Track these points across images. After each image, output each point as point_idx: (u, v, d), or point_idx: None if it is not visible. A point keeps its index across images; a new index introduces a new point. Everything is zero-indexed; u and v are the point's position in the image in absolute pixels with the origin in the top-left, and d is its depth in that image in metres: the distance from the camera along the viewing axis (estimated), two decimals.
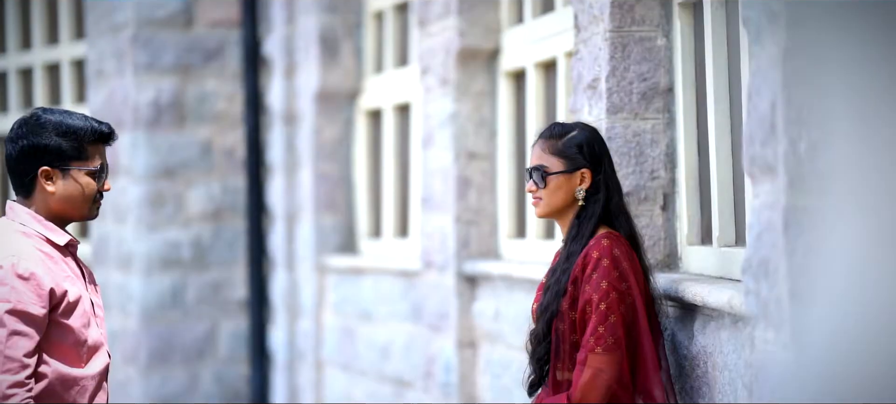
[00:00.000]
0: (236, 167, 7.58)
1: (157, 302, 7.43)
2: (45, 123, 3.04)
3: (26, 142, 3.03)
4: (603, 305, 3.10)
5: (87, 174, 3.04)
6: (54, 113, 3.07)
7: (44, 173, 3.03)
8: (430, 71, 5.86)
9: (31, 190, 3.05)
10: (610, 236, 3.20)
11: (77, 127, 3.04)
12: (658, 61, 3.92)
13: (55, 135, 3.03)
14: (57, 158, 3.03)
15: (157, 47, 7.40)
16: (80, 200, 3.05)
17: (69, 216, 3.08)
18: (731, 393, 3.20)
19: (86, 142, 3.04)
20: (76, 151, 3.03)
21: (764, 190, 2.47)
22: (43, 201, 3.05)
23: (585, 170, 3.25)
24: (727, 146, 3.65)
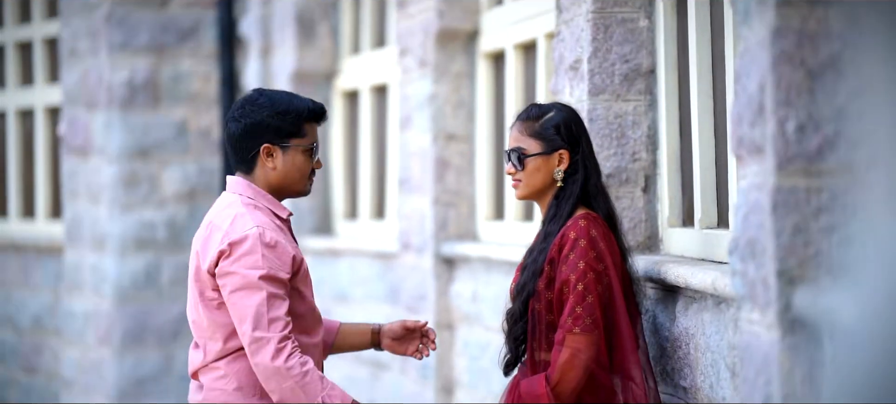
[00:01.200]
0: (212, 148, 7.53)
1: (131, 282, 7.37)
2: (266, 103, 3.18)
3: (249, 121, 3.16)
4: (580, 285, 3.11)
5: (304, 151, 3.19)
6: (274, 93, 3.22)
7: (266, 150, 3.17)
8: (408, 52, 5.84)
9: (252, 166, 3.19)
10: (587, 217, 3.20)
11: (296, 106, 3.19)
12: (640, 43, 3.91)
13: (276, 114, 3.16)
14: (277, 136, 3.17)
15: (132, 26, 7.33)
16: (297, 176, 3.19)
17: (287, 191, 3.21)
18: (713, 374, 3.21)
19: (303, 120, 3.19)
20: (295, 129, 3.18)
21: (751, 171, 2.46)
22: (264, 177, 3.18)
23: (563, 151, 3.24)
24: (710, 128, 3.65)
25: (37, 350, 8.10)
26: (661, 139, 3.92)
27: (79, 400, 7.62)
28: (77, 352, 7.64)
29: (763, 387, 2.39)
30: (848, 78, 2.30)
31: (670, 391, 3.51)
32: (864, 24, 2.29)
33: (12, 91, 8.37)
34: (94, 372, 7.50)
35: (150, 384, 7.40)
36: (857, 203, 2.30)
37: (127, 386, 7.36)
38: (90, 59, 7.45)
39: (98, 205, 7.46)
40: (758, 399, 2.40)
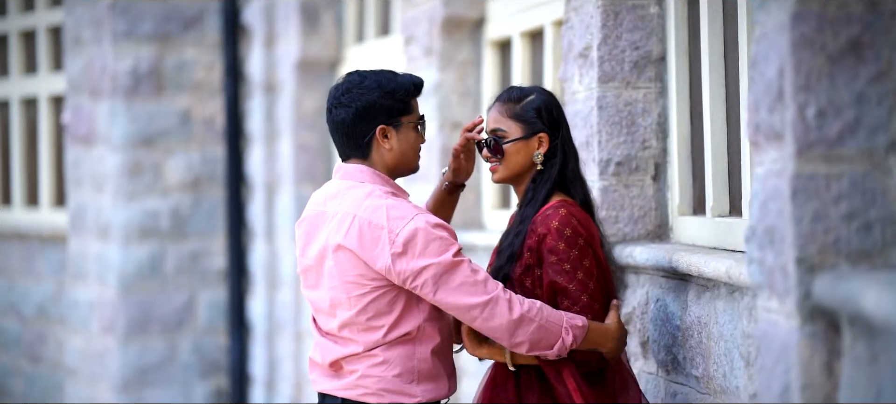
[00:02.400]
0: (215, 136, 7.51)
1: (135, 271, 7.36)
2: (372, 84, 3.11)
3: (360, 104, 3.10)
4: (580, 274, 3.11)
5: (414, 127, 3.14)
6: (376, 73, 3.14)
7: (382, 131, 3.11)
8: (414, 40, 5.81)
9: (368, 150, 3.12)
10: (566, 204, 3.17)
11: (402, 82, 3.13)
12: (651, 29, 3.89)
13: (385, 93, 3.11)
14: (390, 116, 3.11)
15: (136, 15, 7.31)
16: (411, 153, 3.16)
17: (402, 170, 3.17)
18: (726, 363, 3.19)
19: (409, 96, 3.13)
20: (404, 106, 3.12)
21: (769, 157, 2.44)
22: (381, 159, 3.13)
23: (543, 135, 3.21)
24: (722, 115, 3.62)
25: (41, 339, 8.09)
26: (671, 127, 3.89)
27: (83, 389, 7.61)
28: (81, 341, 7.63)
29: (782, 376, 2.37)
30: (868, 62, 2.27)
31: (682, 380, 3.49)
32: (884, 8, 2.27)
33: (16, 80, 8.34)
34: (98, 361, 7.49)
35: (154, 373, 7.38)
36: (878, 189, 2.27)
37: (131, 374, 7.35)
38: (94, 47, 7.43)
39: (102, 194, 7.44)
40: (776, 388, 2.39)
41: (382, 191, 3.09)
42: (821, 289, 2.31)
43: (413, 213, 3.05)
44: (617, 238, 3.88)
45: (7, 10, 8.35)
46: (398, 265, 3.01)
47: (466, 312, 3.02)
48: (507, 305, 3.01)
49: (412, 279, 3.02)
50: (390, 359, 3.07)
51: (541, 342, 3.03)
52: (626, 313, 3.87)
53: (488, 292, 3.02)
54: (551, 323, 3.03)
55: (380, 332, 3.07)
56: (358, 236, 3.05)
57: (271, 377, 7.22)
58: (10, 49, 8.37)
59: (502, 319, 3.00)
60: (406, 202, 3.10)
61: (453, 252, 3.03)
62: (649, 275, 3.74)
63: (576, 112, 4.07)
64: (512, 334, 3.01)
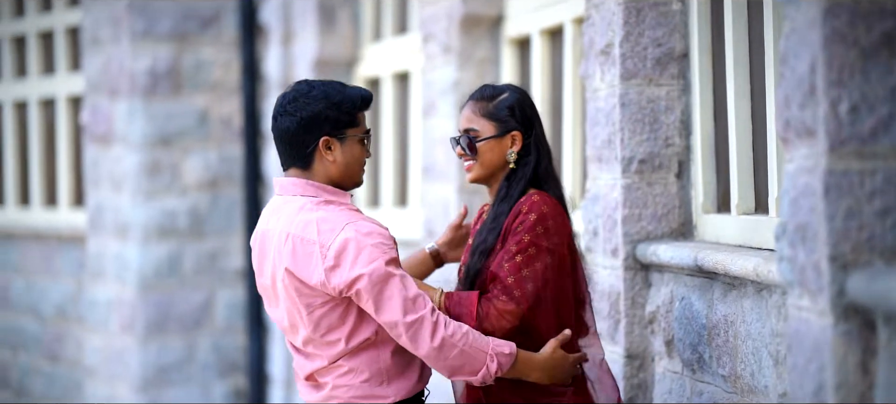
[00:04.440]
0: (233, 136, 7.51)
1: (154, 271, 7.36)
2: (319, 94, 3.05)
3: (305, 114, 3.04)
4: (519, 257, 3.07)
5: (360, 140, 3.09)
6: (324, 83, 3.09)
7: (325, 143, 3.05)
8: (432, 38, 5.79)
9: (310, 161, 3.07)
10: (541, 194, 3.16)
11: (348, 94, 3.07)
12: (673, 26, 3.86)
13: (332, 104, 3.05)
14: (335, 127, 3.05)
15: (154, 14, 7.31)
16: (355, 167, 3.09)
17: (345, 183, 3.10)
18: (754, 362, 3.16)
19: (357, 109, 3.08)
20: (350, 119, 3.07)
21: (800, 154, 2.42)
22: (324, 171, 3.07)
23: (516, 133, 3.19)
24: (747, 112, 3.60)
25: (60, 338, 8.10)
26: (694, 124, 3.87)
27: (102, 389, 7.62)
28: (100, 341, 7.64)
29: (815, 375, 2.35)
30: None
31: (708, 379, 3.46)
32: None
33: (35, 80, 8.36)
34: (117, 360, 7.49)
35: (173, 372, 7.39)
36: None
37: (150, 373, 7.36)
38: (112, 47, 7.43)
39: (120, 194, 7.45)
40: (809, 387, 2.36)
41: (314, 203, 3.04)
42: (855, 286, 2.28)
43: (344, 222, 2.99)
44: (640, 236, 3.86)
45: (25, 11, 8.36)
46: (332, 279, 2.98)
47: (393, 328, 2.98)
48: (431, 329, 2.95)
49: (347, 289, 2.99)
50: (356, 367, 3.04)
51: (463, 367, 2.98)
52: (650, 311, 3.85)
53: (416, 311, 2.95)
54: (475, 350, 2.97)
55: (339, 345, 3.04)
56: (292, 255, 3.02)
57: (289, 376, 7.21)
58: (28, 49, 8.38)
59: (425, 343, 2.95)
60: (338, 210, 3.04)
61: (386, 260, 2.96)
62: (673, 274, 3.71)
63: (597, 109, 4.05)
64: (434, 359, 2.97)
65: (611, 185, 3.94)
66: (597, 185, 4.06)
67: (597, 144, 4.05)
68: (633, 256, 3.86)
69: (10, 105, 8.54)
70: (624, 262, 3.86)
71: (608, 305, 3.93)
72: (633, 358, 3.85)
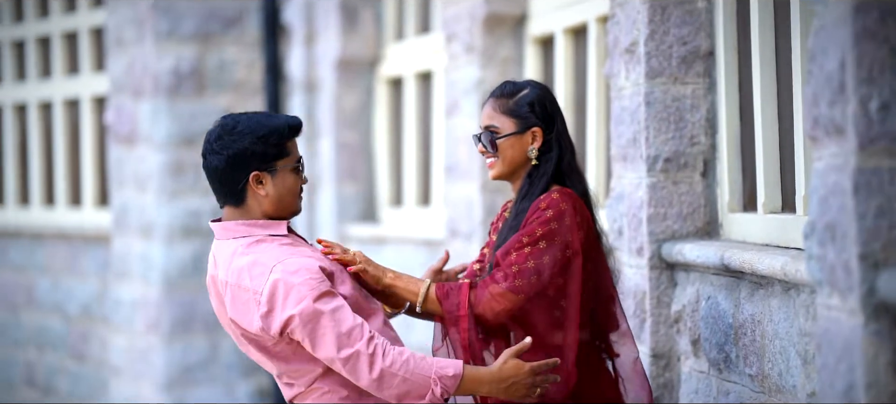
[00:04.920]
0: None
1: (178, 270, 7.39)
2: (245, 129, 3.02)
3: (232, 151, 3.01)
4: (527, 248, 3.05)
5: (292, 170, 3.05)
6: (249, 117, 3.05)
7: (255, 178, 3.02)
8: (455, 37, 5.79)
9: (243, 197, 3.04)
10: (561, 191, 3.13)
11: (274, 125, 3.03)
12: (699, 24, 3.85)
13: (259, 138, 3.01)
14: (264, 161, 3.02)
15: (177, 14, 7.34)
16: (290, 198, 3.05)
17: (282, 215, 3.06)
18: (782, 362, 3.15)
19: (285, 139, 3.04)
20: (279, 150, 3.03)
21: (829, 152, 2.40)
22: (257, 206, 3.04)
23: (537, 129, 3.17)
24: (773, 110, 3.58)
25: (85, 338, 8.14)
26: (720, 122, 3.85)
27: (127, 388, 7.65)
28: (125, 340, 7.67)
29: (845, 375, 2.34)
30: None
31: (735, 378, 3.45)
32: None
33: (59, 81, 8.40)
34: (142, 359, 7.52)
35: (198, 371, 7.41)
36: None
37: (175, 373, 7.38)
38: (136, 47, 7.47)
39: (145, 194, 7.48)
40: (839, 386, 2.35)
41: (245, 246, 3.00)
42: (885, 285, 2.26)
43: (272, 264, 2.95)
44: (665, 235, 3.85)
45: (50, 12, 8.40)
46: (268, 323, 2.95)
47: (331, 364, 2.94)
48: (368, 362, 2.89)
49: (282, 331, 2.96)
50: (332, 387, 3.00)
51: (409, 394, 2.93)
52: (675, 311, 3.84)
53: (351, 345, 2.90)
54: (417, 376, 2.90)
55: (307, 374, 3.02)
56: (233, 304, 3.02)
57: None
58: (52, 50, 8.42)
59: (364, 376, 2.90)
60: (269, 249, 2.99)
61: (314, 296, 2.91)
62: (699, 273, 3.70)
63: (623, 108, 4.04)
64: (377, 390, 2.92)
65: (636, 184, 3.93)
66: (621, 184, 4.05)
67: (621, 143, 4.04)
68: (659, 255, 3.85)
69: (36, 105, 8.58)
70: (649, 261, 3.85)
71: (633, 304, 3.92)
72: (658, 358, 3.84)
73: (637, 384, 3.17)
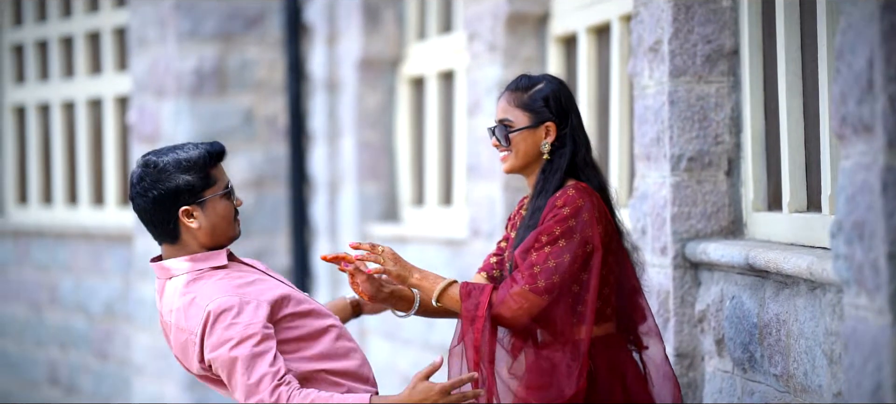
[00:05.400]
0: (278, 135, 7.54)
1: None
2: (166, 166, 3.02)
3: (156, 191, 3.01)
4: (547, 248, 3.04)
5: (222, 197, 3.04)
6: (168, 152, 3.05)
7: (184, 213, 3.02)
8: (477, 37, 5.79)
9: (177, 235, 3.04)
10: (577, 187, 3.12)
11: (195, 157, 3.02)
12: (723, 23, 3.83)
13: (179, 173, 3.01)
14: (190, 195, 3.01)
15: (200, 14, 7.36)
16: (224, 224, 3.04)
17: (220, 243, 3.06)
18: (808, 361, 3.13)
19: (208, 167, 3.03)
20: (204, 181, 3.02)
21: (856, 150, 2.39)
22: (193, 240, 3.04)
23: (550, 124, 3.16)
24: (799, 108, 3.56)
25: (108, 336, 8.17)
26: (744, 121, 3.84)
27: (150, 386, 7.68)
28: (148, 338, 7.70)
29: (873, 374, 2.32)
30: None
31: (760, 378, 3.43)
32: None
33: (82, 80, 8.44)
34: (164, 358, 7.55)
35: None
36: None
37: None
38: (158, 47, 7.49)
39: None
40: (867, 386, 2.33)
41: (184, 284, 3.00)
42: None
43: (205, 303, 2.95)
44: (689, 234, 3.84)
45: (73, 12, 8.44)
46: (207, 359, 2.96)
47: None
48: None
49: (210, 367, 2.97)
50: None
51: None
52: (699, 310, 3.82)
53: (259, 393, 2.89)
54: None
55: None
56: (175, 344, 3.03)
57: None
58: (75, 50, 8.46)
59: None
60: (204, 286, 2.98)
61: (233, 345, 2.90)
62: (723, 272, 3.68)
63: (646, 107, 4.03)
64: None
65: (659, 183, 3.92)
66: (645, 183, 4.04)
67: (645, 142, 4.02)
68: (683, 255, 3.83)
69: (59, 105, 8.63)
70: (673, 261, 3.84)
71: (657, 304, 3.91)
72: (682, 357, 3.83)
73: (664, 379, 3.16)
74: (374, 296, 3.14)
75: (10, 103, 8.94)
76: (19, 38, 8.85)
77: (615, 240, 3.14)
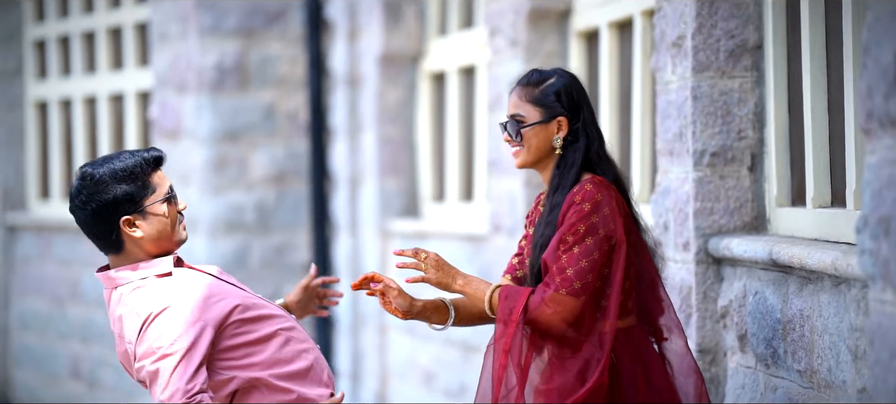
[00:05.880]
0: (299, 131, 7.56)
1: (221, 264, 7.42)
2: (104, 177, 3.00)
3: (95, 204, 3.00)
4: (576, 248, 3.02)
5: (162, 203, 3.01)
6: (105, 162, 3.03)
7: (126, 222, 3.00)
8: (498, 32, 5.78)
9: (120, 245, 3.02)
10: (594, 181, 3.10)
11: (132, 166, 3.00)
12: (747, 17, 3.82)
13: (116, 183, 2.99)
14: (130, 204, 2.99)
15: (221, 10, 7.37)
16: (168, 230, 3.03)
17: (165, 250, 3.05)
18: (832, 357, 3.12)
19: (146, 174, 3.01)
20: (143, 190, 3.00)
21: (883, 144, 2.37)
22: (137, 248, 3.02)
23: (562, 118, 3.13)
24: (823, 103, 3.54)
25: None
26: (768, 116, 3.82)
27: None
28: None
29: None
30: None
31: (783, 374, 3.42)
32: None
33: (104, 75, 8.47)
34: None
35: None
36: None
37: None
38: (180, 42, 7.51)
39: (188, 188, 7.53)
40: (892, 382, 2.32)
41: (128, 293, 2.99)
42: None
43: (143, 310, 2.95)
44: (712, 230, 3.82)
45: (95, 7, 8.48)
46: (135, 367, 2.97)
47: None
48: None
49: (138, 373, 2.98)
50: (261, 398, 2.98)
51: None
52: (722, 306, 3.81)
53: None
54: None
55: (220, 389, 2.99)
56: (120, 354, 3.03)
57: (356, 370, 7.25)
58: (97, 45, 8.50)
59: None
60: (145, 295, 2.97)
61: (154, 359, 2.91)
62: (747, 268, 3.67)
63: (669, 102, 4.02)
64: None
65: (682, 179, 3.91)
66: (668, 179, 4.02)
67: (668, 138, 4.01)
68: (705, 250, 3.82)
69: (81, 100, 8.67)
70: (695, 256, 3.83)
71: (679, 299, 3.90)
72: (704, 353, 3.82)
73: (687, 372, 3.14)
74: (407, 313, 3.15)
75: (33, 98, 8.99)
76: (42, 34, 8.89)
77: (634, 233, 3.13)
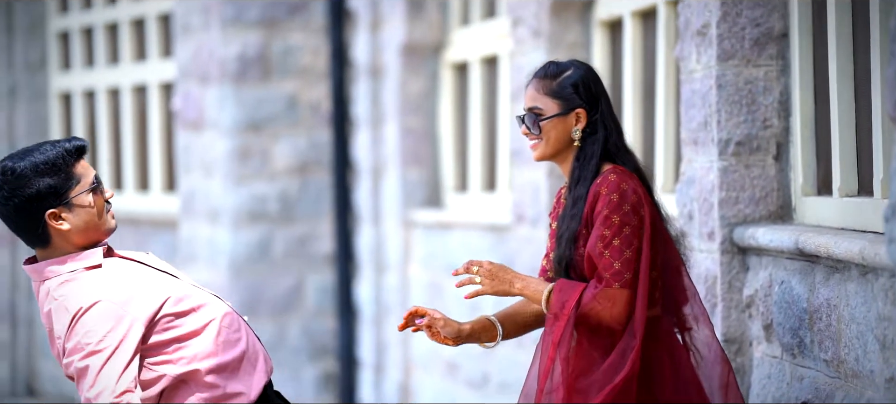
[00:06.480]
0: (322, 121, 7.56)
1: (245, 255, 7.45)
2: (24, 171, 2.93)
3: (18, 199, 2.94)
4: (616, 241, 3.02)
5: (88, 193, 2.97)
6: (24, 156, 2.96)
7: (51, 216, 2.95)
8: (521, 22, 5.77)
9: (47, 239, 2.97)
10: (616, 170, 3.09)
11: (53, 157, 2.94)
12: (772, 6, 3.79)
13: (37, 176, 2.93)
14: (54, 196, 2.94)
15: (243, 1, 7.39)
16: (96, 221, 2.97)
17: (94, 240, 3.00)
18: (859, 347, 3.10)
19: (69, 166, 2.95)
20: (66, 182, 2.94)
21: None
22: (65, 241, 2.97)
23: (580, 110, 3.12)
24: (850, 92, 3.52)
25: None
26: (794, 105, 3.80)
27: None
28: None
29: None
30: None
31: (809, 363, 3.41)
32: None
33: (127, 67, 8.50)
34: None
35: None
36: None
37: None
38: (202, 33, 7.53)
39: (212, 179, 7.55)
40: None
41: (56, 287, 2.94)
42: None
43: (71, 305, 2.90)
44: (737, 219, 3.81)
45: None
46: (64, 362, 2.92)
47: None
48: None
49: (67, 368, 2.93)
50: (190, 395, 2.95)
51: None
52: (747, 295, 3.80)
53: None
54: None
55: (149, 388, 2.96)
56: (54, 348, 2.99)
57: (380, 361, 7.26)
58: (120, 37, 8.52)
59: None
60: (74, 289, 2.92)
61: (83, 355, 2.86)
62: (772, 257, 3.65)
63: (693, 91, 4.00)
64: None
65: (707, 168, 3.89)
66: (692, 168, 4.01)
67: (692, 127, 3.99)
68: (730, 240, 3.81)
69: (104, 91, 8.70)
70: (720, 246, 3.81)
71: (704, 289, 3.88)
72: (730, 343, 3.80)
73: (714, 360, 3.13)
74: (457, 339, 3.15)
75: (57, 90, 9.03)
76: (65, 26, 8.93)
77: (657, 220, 3.13)
